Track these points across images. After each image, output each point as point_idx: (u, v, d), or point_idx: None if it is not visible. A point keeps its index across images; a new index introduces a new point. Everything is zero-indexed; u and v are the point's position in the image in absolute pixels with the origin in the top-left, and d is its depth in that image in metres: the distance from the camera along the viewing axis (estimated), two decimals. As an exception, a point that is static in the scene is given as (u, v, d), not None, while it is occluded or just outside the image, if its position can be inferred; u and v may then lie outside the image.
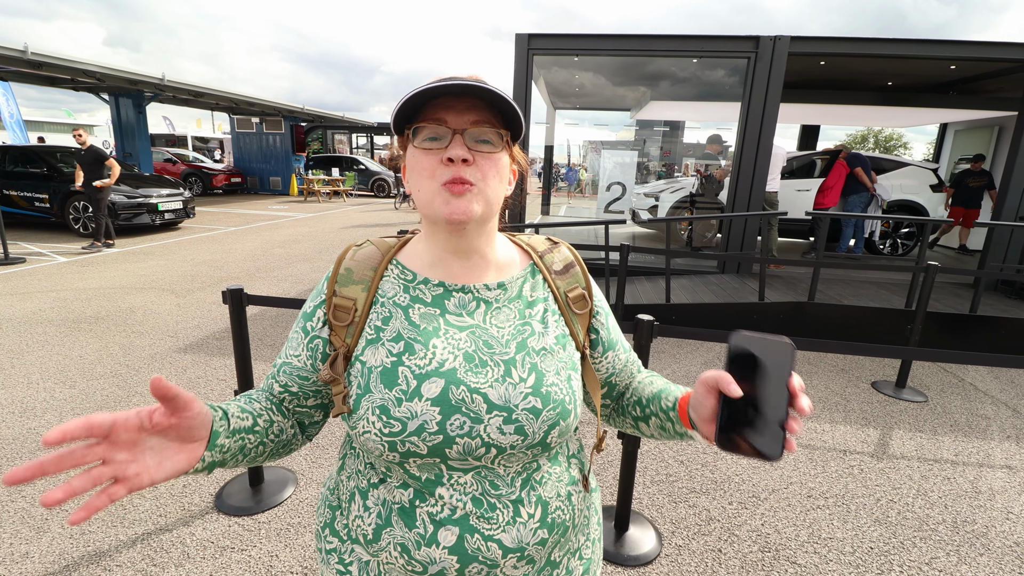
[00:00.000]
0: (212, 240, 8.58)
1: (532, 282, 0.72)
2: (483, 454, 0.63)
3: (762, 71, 5.13)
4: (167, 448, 0.55)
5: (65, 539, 2.00)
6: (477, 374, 0.64)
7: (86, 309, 4.74)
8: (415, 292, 0.68)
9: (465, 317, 0.67)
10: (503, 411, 0.63)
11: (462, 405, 0.62)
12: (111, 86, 12.26)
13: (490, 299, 0.69)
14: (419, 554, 0.63)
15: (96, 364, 3.58)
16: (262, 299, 2.26)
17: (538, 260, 0.74)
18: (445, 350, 0.65)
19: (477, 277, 0.70)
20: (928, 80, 6.95)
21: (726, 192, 6.47)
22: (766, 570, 1.95)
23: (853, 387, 3.61)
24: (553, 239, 0.79)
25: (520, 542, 0.64)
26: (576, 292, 0.74)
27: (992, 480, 2.56)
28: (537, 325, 0.69)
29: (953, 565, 1.99)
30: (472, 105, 0.62)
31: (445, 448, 0.62)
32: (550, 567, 0.69)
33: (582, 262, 0.77)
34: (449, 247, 0.67)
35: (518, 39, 5.51)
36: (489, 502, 0.64)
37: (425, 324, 0.66)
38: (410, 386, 0.63)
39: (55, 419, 2.84)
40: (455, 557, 0.62)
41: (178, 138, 23.55)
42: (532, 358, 0.66)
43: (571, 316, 0.72)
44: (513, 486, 0.65)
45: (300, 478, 2.42)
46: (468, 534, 0.63)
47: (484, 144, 0.63)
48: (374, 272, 0.70)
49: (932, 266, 3.31)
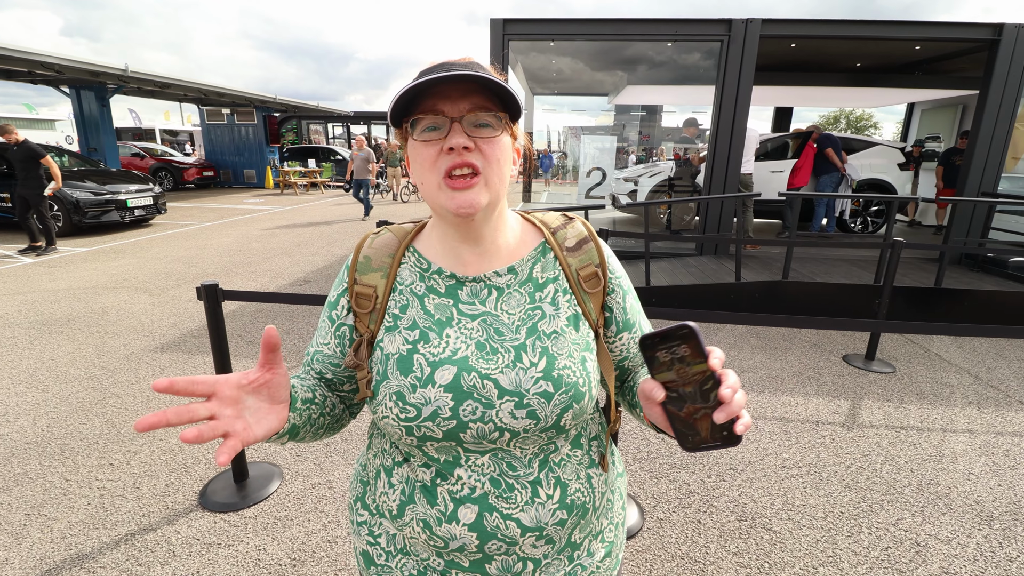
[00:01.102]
0: (186, 236, 8.39)
1: (543, 261, 0.72)
2: (497, 438, 0.64)
3: (735, 54, 5.18)
4: (260, 408, 0.58)
5: (45, 544, 1.97)
6: (488, 361, 0.65)
7: (56, 311, 4.62)
8: (430, 282, 0.70)
9: (477, 305, 0.68)
10: (514, 396, 0.64)
11: (474, 391, 0.64)
12: (72, 78, 11.80)
13: (501, 285, 0.69)
14: (440, 530, 0.65)
15: (69, 367, 3.50)
16: (238, 294, 2.24)
17: (550, 237, 0.73)
18: (458, 339, 0.66)
19: (488, 263, 0.70)
20: (895, 61, 7.09)
21: (703, 175, 6.55)
22: (743, 537, 2.02)
23: (825, 361, 3.73)
24: (568, 215, 0.78)
25: (539, 522, 0.66)
26: (588, 270, 0.72)
27: (955, 444, 2.68)
28: (548, 307, 0.69)
29: (918, 525, 2.10)
30: (467, 91, 0.62)
31: (459, 432, 0.64)
32: (571, 548, 0.70)
33: (597, 238, 0.75)
34: (459, 236, 0.68)
35: (493, 24, 5.45)
36: (507, 483, 0.65)
37: (439, 314, 0.68)
38: (424, 373, 0.64)
39: (29, 424, 2.78)
40: (475, 534, 0.65)
41: (145, 131, 22.81)
42: (543, 342, 0.66)
43: (583, 295, 0.71)
44: (531, 467, 0.66)
45: (285, 472, 2.42)
46: (487, 512, 0.65)
47: (484, 128, 0.62)
48: (392, 259, 0.71)
49: (898, 242, 3.42)
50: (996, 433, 2.79)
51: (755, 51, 5.14)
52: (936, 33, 4.96)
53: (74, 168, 9.14)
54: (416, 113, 0.63)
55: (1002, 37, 4.84)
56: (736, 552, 1.95)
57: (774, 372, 3.54)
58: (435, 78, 0.59)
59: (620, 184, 8.26)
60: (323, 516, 2.13)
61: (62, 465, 2.44)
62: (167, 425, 0.50)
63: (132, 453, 2.54)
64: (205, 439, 0.50)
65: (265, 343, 0.56)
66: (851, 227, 7.64)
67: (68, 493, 2.25)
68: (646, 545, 1.99)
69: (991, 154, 5.06)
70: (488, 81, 0.60)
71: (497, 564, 0.67)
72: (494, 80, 0.60)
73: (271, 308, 4.73)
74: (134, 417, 2.87)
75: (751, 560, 1.92)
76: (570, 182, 16.67)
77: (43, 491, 2.26)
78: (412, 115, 0.63)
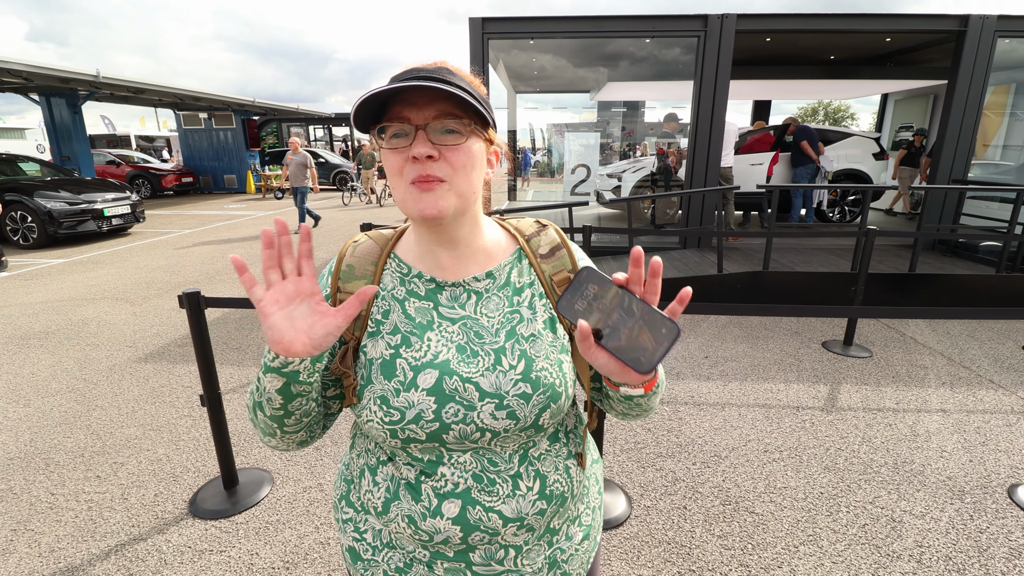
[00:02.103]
0: (166, 244, 8.27)
1: (519, 267, 0.74)
2: (479, 438, 0.66)
3: (712, 49, 5.25)
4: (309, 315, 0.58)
5: (34, 558, 1.96)
6: (469, 364, 0.67)
7: (34, 324, 4.54)
8: (410, 286, 0.71)
9: (457, 309, 0.70)
10: (494, 398, 0.66)
11: (455, 394, 0.65)
12: (40, 85, 11.52)
13: (480, 290, 0.71)
14: (425, 525, 0.67)
15: (51, 380, 3.45)
16: (221, 301, 2.23)
17: (524, 244, 0.75)
18: (439, 342, 0.68)
19: (465, 267, 0.71)
20: (867, 53, 7.25)
21: (684, 170, 6.64)
22: (727, 521, 2.08)
23: (805, 348, 3.82)
24: (542, 222, 0.79)
25: (520, 512, 0.68)
26: (561, 275, 0.74)
27: (929, 423, 2.78)
28: (526, 311, 0.71)
29: (894, 502, 2.18)
30: (434, 98, 0.61)
31: (442, 434, 0.65)
32: (550, 534, 0.73)
33: (568, 244, 0.77)
34: (433, 239, 0.69)
35: (472, 23, 5.46)
36: (489, 477, 0.67)
37: (420, 318, 0.69)
38: (407, 377, 0.66)
39: (11, 439, 2.75)
40: (458, 527, 0.67)
41: (120, 138, 22.37)
42: (521, 345, 0.68)
43: (556, 299, 0.72)
44: (511, 462, 0.69)
45: (276, 477, 2.42)
46: (470, 506, 0.67)
47: (449, 135, 0.62)
48: (375, 267, 0.73)
49: (871, 230, 3.51)
50: (968, 411, 2.89)
51: (731, 46, 5.22)
52: (904, 25, 5.09)
53: (47, 178, 8.95)
54: (383, 120, 0.63)
55: (968, 28, 4.98)
56: (720, 535, 2.01)
57: (756, 360, 3.62)
58: (399, 86, 0.59)
59: (604, 180, 8.33)
60: (315, 519, 2.14)
61: (47, 479, 2.42)
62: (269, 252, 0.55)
63: (119, 464, 2.52)
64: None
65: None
66: (829, 216, 7.80)
67: (55, 507, 2.23)
68: (634, 532, 2.04)
69: (960, 142, 5.21)
70: (451, 89, 0.60)
71: (480, 553, 0.69)
72: (460, 87, 0.61)
73: (255, 315, 4.69)
74: (119, 429, 2.85)
75: (735, 542, 1.97)
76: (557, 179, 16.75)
77: (29, 506, 2.24)
78: (380, 122, 0.64)
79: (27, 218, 7.87)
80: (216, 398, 2.25)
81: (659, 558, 1.91)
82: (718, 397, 3.11)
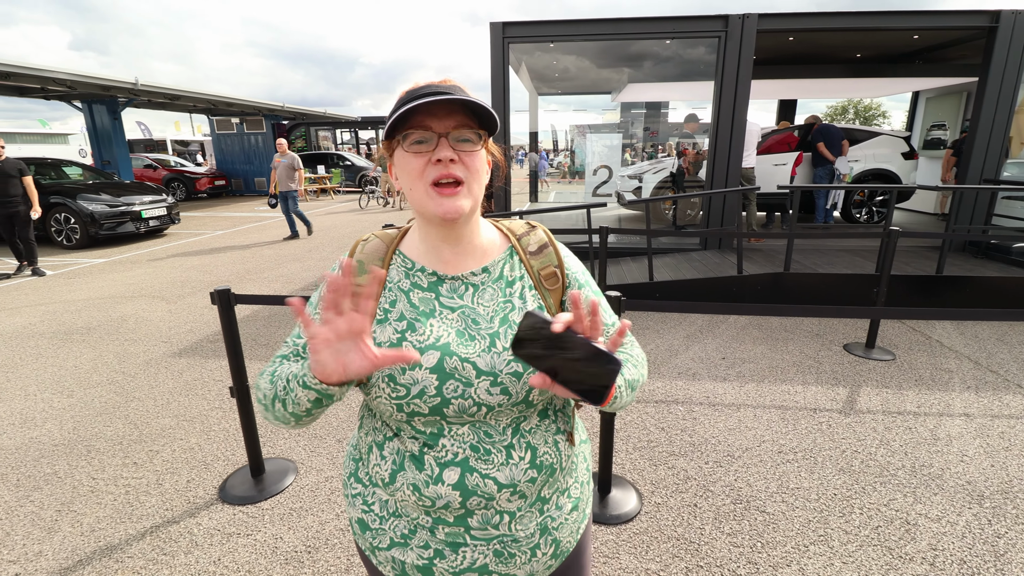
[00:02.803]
0: (200, 245, 8.59)
1: (511, 263, 0.83)
2: (476, 411, 0.74)
3: (732, 49, 5.22)
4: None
5: (76, 536, 2.10)
6: (467, 346, 0.75)
7: (77, 320, 4.79)
8: (414, 279, 0.80)
9: (456, 299, 0.79)
10: (489, 375, 0.74)
11: (455, 372, 0.73)
12: (83, 93, 12.09)
13: (476, 283, 0.80)
14: (428, 491, 0.75)
15: (92, 373, 3.65)
16: (250, 298, 2.35)
17: (516, 243, 0.85)
18: (440, 328, 0.76)
19: (464, 262, 0.80)
20: (895, 51, 7.08)
21: (704, 170, 6.59)
22: (737, 519, 2.10)
23: (826, 350, 3.77)
24: (532, 223, 0.89)
25: (512, 479, 0.76)
26: (548, 270, 0.84)
27: (950, 427, 2.73)
28: (517, 301, 0.80)
29: (909, 504, 2.16)
30: (452, 110, 0.71)
31: (443, 408, 0.73)
32: (541, 502, 0.80)
33: (555, 243, 0.87)
34: (440, 236, 0.78)
35: (493, 28, 5.55)
36: (485, 448, 0.75)
37: (423, 307, 0.78)
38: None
39: (56, 428, 2.93)
40: (457, 492, 0.75)
41: (157, 143, 23.23)
42: (513, 330, 0.77)
43: (544, 291, 0.83)
44: (505, 435, 0.76)
45: (300, 467, 2.53)
46: (468, 473, 0.74)
47: (466, 143, 0.72)
48: (381, 262, 0.81)
49: (894, 231, 3.46)
50: (992, 416, 2.83)
51: (752, 46, 5.18)
52: (933, 22, 4.97)
53: (89, 181, 9.38)
54: (407, 128, 0.72)
55: (999, 24, 4.83)
56: (730, 533, 2.03)
57: (774, 362, 3.60)
58: (429, 101, 0.68)
59: (625, 181, 8.32)
60: (336, 507, 2.24)
61: (89, 465, 2.58)
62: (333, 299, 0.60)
63: (154, 452, 2.67)
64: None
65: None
66: (856, 217, 7.63)
67: (95, 490, 2.38)
68: (643, 528, 2.07)
69: (992, 141, 5.06)
70: (471, 103, 0.70)
71: (478, 518, 0.77)
72: (477, 102, 0.71)
73: (283, 313, 4.87)
74: (155, 419, 3.01)
75: (744, 540, 1.99)
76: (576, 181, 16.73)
77: (72, 489, 2.40)
78: (403, 129, 0.72)
79: (70, 220, 8.28)
80: (245, 389, 2.37)
81: (667, 553, 1.95)
82: (734, 398, 3.11)
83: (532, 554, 0.80)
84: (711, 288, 4.78)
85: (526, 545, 0.79)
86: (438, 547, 0.78)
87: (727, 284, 4.76)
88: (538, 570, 0.82)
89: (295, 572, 1.89)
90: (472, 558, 0.77)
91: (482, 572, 0.78)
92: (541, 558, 0.81)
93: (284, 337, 4.28)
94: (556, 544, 0.82)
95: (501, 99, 5.67)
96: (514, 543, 0.78)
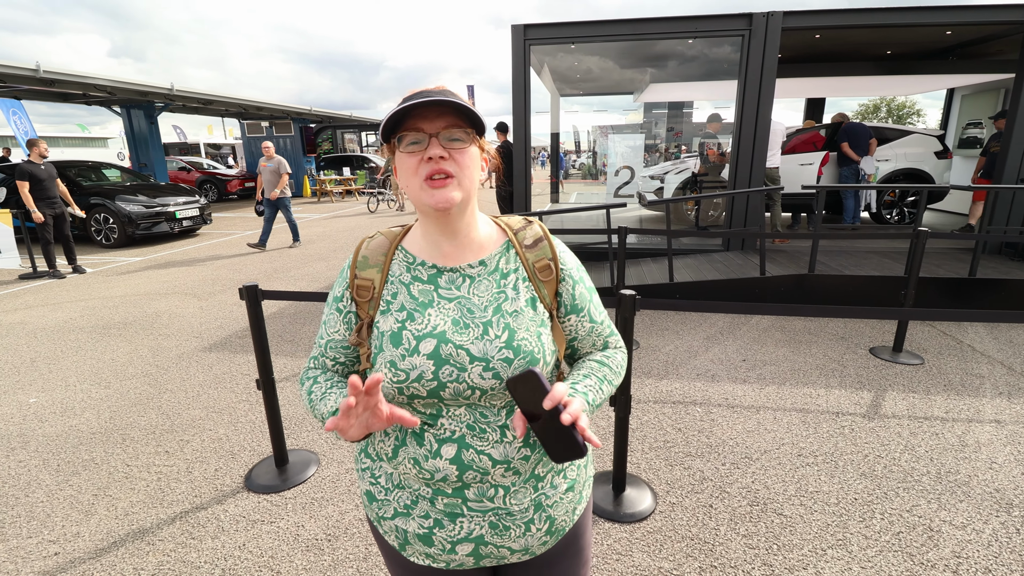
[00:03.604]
0: (230, 245, 8.86)
1: (507, 256, 0.88)
2: (470, 395, 0.79)
3: (757, 48, 5.15)
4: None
5: (111, 520, 2.21)
6: (461, 334, 0.80)
7: (114, 315, 5.01)
8: (415, 272, 0.86)
9: (453, 290, 0.84)
10: (482, 361, 0.79)
11: (450, 358, 0.79)
12: (122, 99, 12.60)
13: (473, 275, 0.85)
14: (427, 465, 0.81)
15: (128, 365, 3.82)
16: (277, 294, 2.44)
17: (512, 237, 0.89)
18: (437, 317, 0.82)
19: (463, 255, 0.85)
20: (926, 47, 6.86)
21: (727, 171, 6.51)
22: (753, 521, 2.08)
23: (851, 354, 3.69)
24: (528, 218, 0.95)
25: (506, 456, 0.81)
26: (542, 263, 0.88)
27: (980, 434, 2.65)
28: (511, 292, 0.85)
29: (933, 511, 2.11)
30: (442, 112, 0.77)
31: (440, 391, 0.79)
32: (535, 479, 0.84)
33: (550, 237, 0.91)
34: (439, 229, 0.83)
35: (514, 30, 5.59)
36: (480, 427, 0.80)
37: (422, 297, 0.84)
38: (411, 345, 0.80)
39: (94, 417, 3.08)
40: (454, 466, 0.80)
41: (190, 146, 24.03)
42: (506, 319, 0.82)
43: (538, 283, 0.87)
44: (499, 416, 0.81)
45: (322, 459, 2.61)
46: (464, 449, 0.80)
47: (455, 142, 0.78)
48: (385, 257, 0.88)
49: (923, 231, 3.37)
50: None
51: (777, 44, 5.10)
52: (966, 17, 4.80)
53: (127, 183, 9.77)
54: (401, 131, 0.78)
55: (1039, 17, 4.65)
56: (746, 534, 2.02)
57: (797, 365, 3.54)
58: (417, 103, 0.75)
59: (647, 182, 8.27)
60: (355, 497, 2.30)
61: (123, 452, 2.71)
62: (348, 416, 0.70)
63: (185, 442, 2.79)
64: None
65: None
66: (887, 218, 7.42)
67: (129, 476, 2.50)
68: (657, 527, 2.08)
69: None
70: (458, 104, 0.76)
71: (474, 491, 0.82)
72: (463, 104, 0.77)
73: (308, 309, 5.00)
74: (186, 410, 3.14)
75: (760, 542, 1.98)
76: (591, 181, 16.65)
77: (107, 475, 2.52)
78: (398, 132, 0.79)
79: (109, 220, 8.64)
80: (271, 383, 2.46)
81: (681, 552, 1.95)
82: (753, 400, 3.08)
83: (527, 528, 0.84)
84: (732, 289, 4.72)
85: (520, 519, 0.83)
86: (437, 517, 0.83)
87: (749, 286, 4.70)
88: (533, 545, 0.86)
89: (315, 559, 1.95)
90: (469, 528, 0.82)
91: (478, 542, 0.83)
92: (536, 533, 0.85)
93: (309, 334, 4.40)
94: (551, 521, 0.86)
95: (522, 101, 5.70)
96: (508, 516, 0.83)
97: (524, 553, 0.86)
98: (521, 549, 0.85)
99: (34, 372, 3.74)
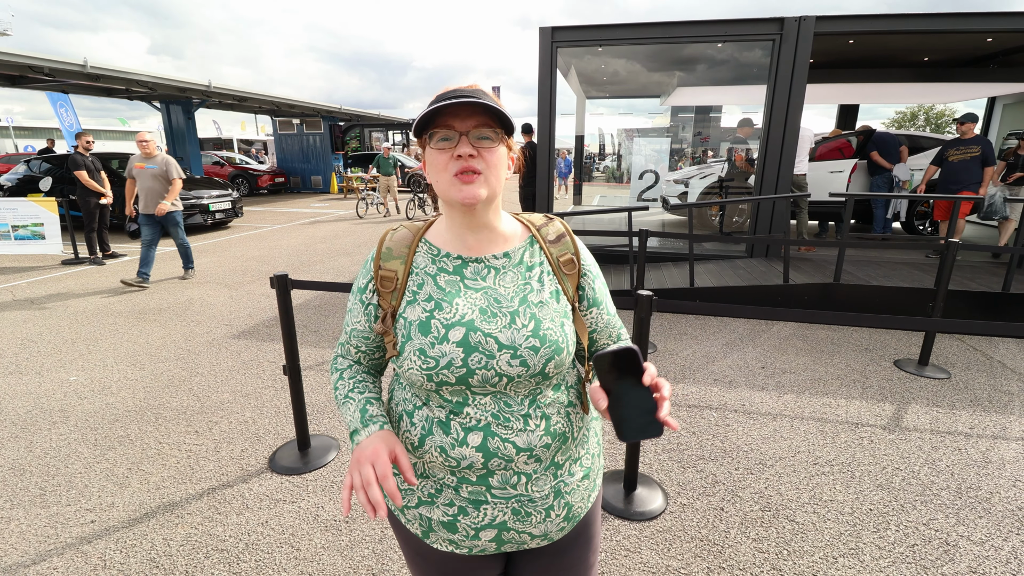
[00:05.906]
0: (259, 237, 9.12)
1: (531, 250, 0.91)
2: (497, 382, 0.82)
3: (787, 53, 5.09)
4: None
5: (143, 493, 2.33)
6: (490, 323, 0.83)
7: (150, 302, 5.23)
8: (440, 264, 0.88)
9: (479, 281, 0.87)
10: (510, 349, 0.82)
11: (479, 346, 0.82)
12: (162, 94, 13.07)
13: (498, 266, 0.88)
14: (454, 452, 0.84)
15: (161, 349, 3.99)
16: (305, 283, 2.54)
17: (535, 232, 0.93)
18: (465, 306, 0.85)
19: (487, 247, 0.88)
20: (966, 54, 6.66)
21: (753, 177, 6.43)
22: (764, 526, 2.08)
23: (874, 365, 3.63)
24: (549, 216, 0.98)
25: (529, 444, 0.84)
26: (566, 257, 0.92)
27: (1005, 451, 2.58)
28: (535, 284, 0.88)
29: (951, 526, 2.08)
30: (472, 111, 0.80)
31: (468, 378, 0.82)
32: (554, 467, 0.88)
33: (571, 233, 0.96)
34: (464, 223, 0.86)
35: (542, 33, 5.64)
36: (505, 416, 0.83)
37: (450, 288, 0.86)
38: (440, 333, 0.83)
39: (129, 396, 3.23)
40: (480, 454, 0.83)
41: (224, 141, 24.73)
42: (532, 309, 0.85)
43: (562, 276, 0.91)
44: (523, 404, 0.84)
45: (343, 444, 2.70)
46: (490, 437, 0.83)
47: (484, 141, 0.81)
48: (408, 249, 0.90)
49: (953, 242, 3.29)
50: (1055, 443, 2.66)
51: (809, 49, 5.03)
52: (1007, 24, 4.66)
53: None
54: (433, 127, 0.82)
55: (1088, 25, 4.49)
56: (756, 539, 2.02)
57: (817, 374, 3.50)
58: (449, 103, 0.78)
59: (671, 186, 8.22)
60: (372, 483, 2.37)
61: (156, 430, 2.84)
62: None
63: (213, 423, 2.91)
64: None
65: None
66: (920, 229, 7.23)
67: (161, 453, 2.63)
68: (667, 526, 2.09)
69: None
70: (488, 105, 0.79)
71: (498, 478, 0.85)
72: (493, 105, 0.80)
73: (333, 302, 5.13)
74: (216, 393, 3.27)
75: (770, 546, 1.98)
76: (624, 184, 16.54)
77: (141, 451, 2.65)
78: (430, 129, 0.82)
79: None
80: (296, 369, 2.56)
81: (690, 553, 1.96)
82: (770, 407, 3.06)
83: (547, 515, 0.87)
84: (754, 296, 4.67)
85: (541, 505, 0.87)
86: (462, 504, 0.86)
87: (772, 293, 4.64)
88: (552, 531, 0.89)
89: (333, 538, 2.03)
90: (492, 515, 0.86)
91: (501, 528, 0.86)
92: (555, 519, 0.89)
93: (333, 325, 4.52)
94: (568, 507, 0.90)
95: (548, 103, 5.74)
96: (530, 503, 0.86)
97: (543, 539, 0.89)
98: (541, 535, 0.88)
99: (75, 352, 3.93)
